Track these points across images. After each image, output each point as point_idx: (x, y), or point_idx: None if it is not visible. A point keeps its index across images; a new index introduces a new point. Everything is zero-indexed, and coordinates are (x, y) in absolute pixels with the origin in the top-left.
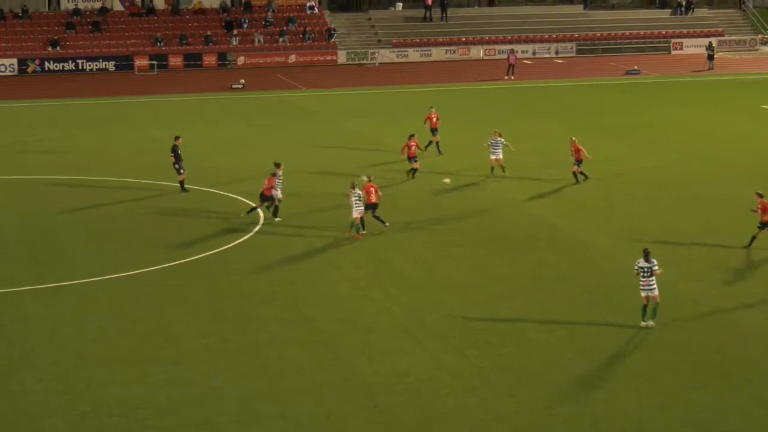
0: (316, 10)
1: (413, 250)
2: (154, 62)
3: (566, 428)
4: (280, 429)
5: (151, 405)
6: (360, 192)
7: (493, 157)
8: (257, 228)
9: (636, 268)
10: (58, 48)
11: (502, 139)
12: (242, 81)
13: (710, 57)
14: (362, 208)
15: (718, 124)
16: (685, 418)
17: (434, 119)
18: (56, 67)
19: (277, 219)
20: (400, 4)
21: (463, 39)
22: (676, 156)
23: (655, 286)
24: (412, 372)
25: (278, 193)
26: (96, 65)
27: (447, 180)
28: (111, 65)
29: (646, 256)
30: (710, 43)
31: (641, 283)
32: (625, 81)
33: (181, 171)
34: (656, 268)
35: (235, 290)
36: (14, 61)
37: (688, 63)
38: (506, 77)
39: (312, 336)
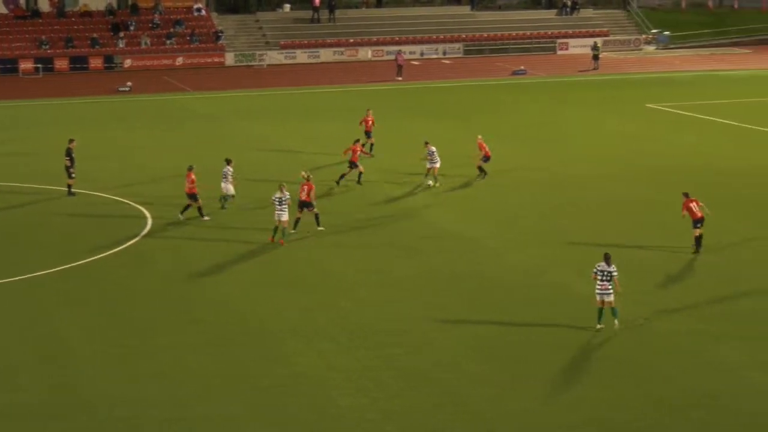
0: (204, 12)
1: (307, 252)
2: (39, 65)
3: (458, 428)
4: None
5: (43, 411)
6: (287, 195)
7: (436, 165)
8: (146, 230)
9: (595, 271)
10: None
11: (434, 148)
12: (129, 84)
13: (595, 57)
14: (285, 213)
15: (604, 123)
16: (588, 415)
17: (370, 122)
18: None
19: (205, 218)
20: (287, 6)
21: (351, 40)
22: (565, 155)
23: (611, 291)
24: (305, 374)
25: (230, 188)
26: None
27: (431, 182)
28: None
29: (607, 261)
30: (595, 43)
31: (598, 286)
32: (512, 81)
33: (73, 175)
34: (615, 273)
35: (126, 294)
36: None
37: (574, 63)
38: (397, 78)
39: (205, 339)
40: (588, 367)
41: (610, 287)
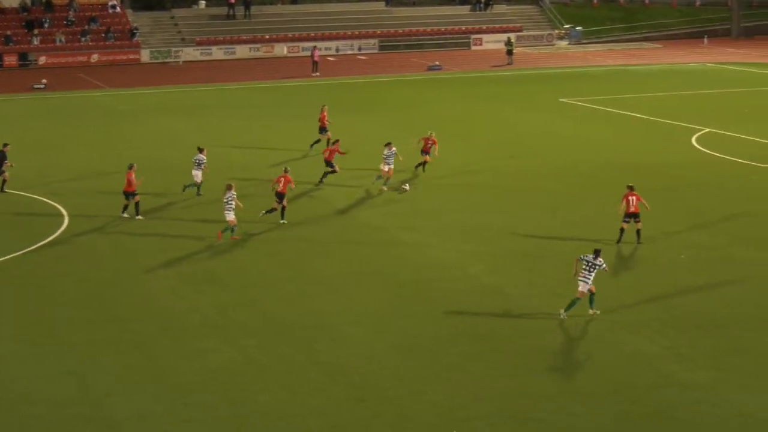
0: (119, 9)
1: (224, 249)
2: None
3: (381, 422)
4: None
5: None
6: (233, 194)
7: (385, 168)
8: (62, 229)
9: (583, 258)
10: None
11: (394, 149)
12: (44, 81)
13: (509, 52)
14: (231, 213)
15: (520, 117)
16: (496, 406)
17: (325, 118)
18: None
19: (138, 217)
20: (203, 2)
21: (267, 36)
22: (482, 150)
23: (589, 281)
24: (225, 369)
25: (199, 175)
26: None
27: (406, 186)
28: None
29: (596, 255)
30: (509, 38)
31: (580, 275)
32: (427, 76)
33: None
34: (605, 267)
35: (43, 293)
36: None
37: (488, 58)
38: (313, 74)
39: (123, 337)
40: (506, 359)
41: (588, 277)
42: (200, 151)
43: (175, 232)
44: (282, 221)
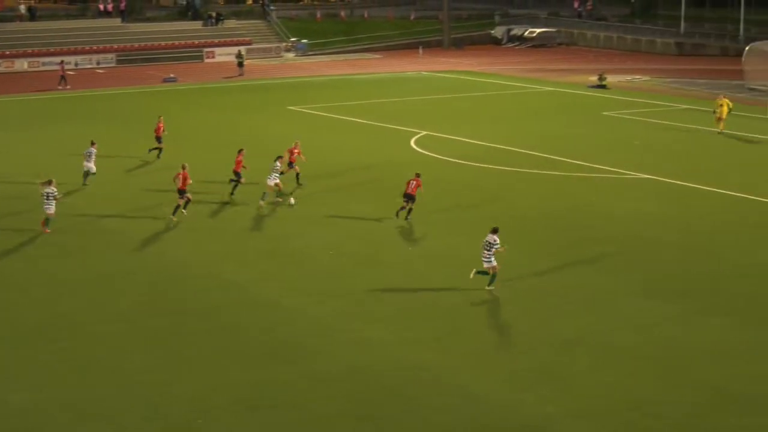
0: None
1: None
2: None
3: (129, 412)
4: None
5: None
6: (54, 190)
7: (271, 183)
8: None
9: (484, 241)
10: None
11: (279, 165)
12: None
13: (240, 64)
14: (52, 207)
15: (251, 124)
16: (236, 395)
17: (161, 128)
18: None
19: None
20: None
21: (8, 52)
22: (223, 154)
23: (492, 259)
24: None
25: (92, 167)
26: None
27: (292, 200)
28: None
29: (493, 233)
30: (239, 51)
31: (483, 254)
32: (163, 88)
33: None
34: (498, 246)
35: None
36: None
37: (221, 70)
38: (59, 87)
39: None
40: (244, 350)
41: (491, 256)
42: (92, 144)
43: None
44: (172, 217)
